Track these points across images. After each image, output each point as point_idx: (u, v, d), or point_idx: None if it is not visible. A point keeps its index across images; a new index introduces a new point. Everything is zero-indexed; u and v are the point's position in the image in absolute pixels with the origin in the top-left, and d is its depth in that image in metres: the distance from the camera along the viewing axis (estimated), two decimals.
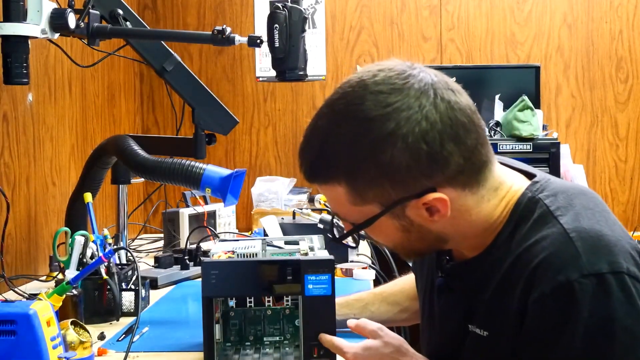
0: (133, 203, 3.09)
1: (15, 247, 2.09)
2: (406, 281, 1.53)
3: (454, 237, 1.07)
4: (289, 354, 1.31)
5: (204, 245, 2.29)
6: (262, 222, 2.45)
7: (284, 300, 1.33)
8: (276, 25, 1.90)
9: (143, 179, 2.04)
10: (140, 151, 1.87)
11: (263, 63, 3.50)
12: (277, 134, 3.54)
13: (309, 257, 1.42)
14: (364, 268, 2.18)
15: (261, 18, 3.41)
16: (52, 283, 1.97)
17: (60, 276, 1.92)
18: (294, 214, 2.49)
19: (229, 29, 1.84)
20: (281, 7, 1.91)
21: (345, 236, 1.12)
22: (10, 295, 1.85)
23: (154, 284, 2.03)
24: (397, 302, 1.51)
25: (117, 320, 1.69)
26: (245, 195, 3.18)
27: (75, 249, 1.63)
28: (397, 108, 0.96)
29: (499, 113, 3.18)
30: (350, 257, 2.30)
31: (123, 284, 1.74)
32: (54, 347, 1.17)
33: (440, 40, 3.51)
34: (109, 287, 1.68)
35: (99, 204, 2.65)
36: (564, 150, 3.18)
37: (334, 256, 1.30)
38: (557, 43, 3.51)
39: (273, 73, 1.98)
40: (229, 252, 1.45)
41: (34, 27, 1.79)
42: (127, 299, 1.72)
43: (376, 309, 1.50)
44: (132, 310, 1.72)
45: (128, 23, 1.96)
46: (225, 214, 2.70)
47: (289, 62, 1.92)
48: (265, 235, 2.33)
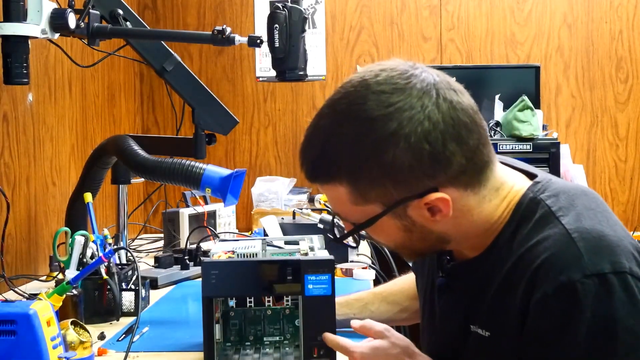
0: (133, 203, 3.09)
1: (15, 247, 2.09)
2: (406, 281, 1.53)
3: (456, 237, 1.07)
4: (289, 354, 1.31)
5: (204, 245, 2.29)
6: (262, 222, 2.45)
7: (284, 300, 1.33)
8: (276, 25, 1.90)
9: (143, 179, 2.04)
10: (140, 151, 1.87)
11: (263, 63, 3.50)
12: (277, 134, 3.53)
13: (309, 257, 1.41)
14: (364, 268, 2.18)
15: (261, 18, 3.41)
16: (52, 283, 1.97)
17: (60, 276, 1.92)
18: (294, 214, 2.49)
19: (229, 29, 1.84)
20: (281, 7, 1.91)
21: (346, 236, 1.12)
22: (10, 295, 1.84)
23: (154, 284, 2.02)
24: (397, 302, 1.50)
25: (117, 320, 1.69)
26: (245, 195, 3.18)
27: (75, 249, 1.63)
28: (399, 108, 0.96)
29: (499, 113, 3.18)
30: (350, 257, 2.30)
31: (123, 284, 1.74)
32: (54, 347, 1.17)
33: (440, 40, 3.51)
34: (109, 287, 1.68)
35: (99, 204, 2.65)
36: (564, 150, 3.18)
37: (334, 256, 1.30)
38: (557, 43, 3.51)
39: (273, 73, 1.99)
40: (229, 252, 1.44)
41: (34, 27, 1.79)
42: (127, 299, 1.72)
43: (376, 308, 1.50)
44: (132, 310, 1.72)
45: (128, 23, 1.96)
46: (225, 214, 2.70)
47: (289, 62, 1.92)
48: (265, 235, 2.33)
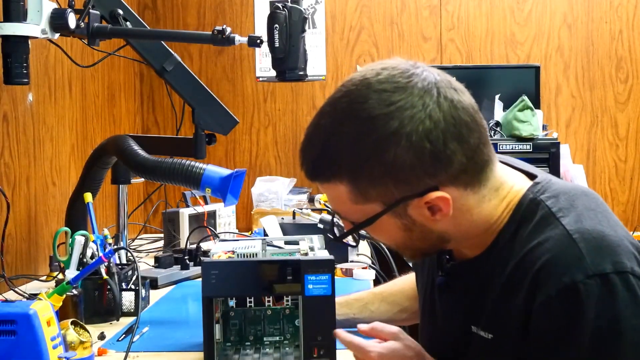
0: (133, 203, 3.09)
1: (16, 247, 2.09)
2: (406, 281, 1.53)
3: (455, 237, 1.07)
4: (289, 354, 1.31)
5: (204, 245, 2.29)
6: (262, 222, 2.45)
7: (284, 300, 1.33)
8: (276, 25, 1.90)
9: (143, 179, 2.04)
10: (140, 151, 1.87)
11: (263, 63, 3.49)
12: (277, 134, 3.53)
13: (309, 257, 1.41)
14: (364, 268, 2.18)
15: (261, 18, 3.41)
16: (52, 283, 1.97)
17: (60, 276, 1.92)
18: (294, 214, 2.49)
19: (229, 29, 1.84)
20: (281, 7, 1.91)
21: (345, 235, 1.12)
22: (10, 295, 1.84)
23: (154, 284, 2.02)
24: (397, 302, 1.50)
25: (117, 320, 1.69)
26: (245, 195, 3.18)
27: (75, 249, 1.63)
28: (400, 107, 0.96)
29: (499, 113, 3.18)
30: (350, 257, 2.30)
31: (123, 284, 1.74)
32: (54, 347, 1.17)
33: (440, 40, 3.51)
34: (109, 287, 1.68)
35: (99, 204, 2.65)
36: (564, 150, 3.18)
37: (334, 256, 1.30)
38: (557, 43, 3.51)
39: (273, 73, 1.98)
40: (229, 252, 1.44)
41: (34, 27, 1.79)
42: (127, 299, 1.72)
43: (376, 308, 1.50)
44: (132, 310, 1.71)
45: (128, 23, 1.96)
46: (225, 214, 2.70)
47: (289, 62, 1.92)
48: (265, 235, 2.33)
